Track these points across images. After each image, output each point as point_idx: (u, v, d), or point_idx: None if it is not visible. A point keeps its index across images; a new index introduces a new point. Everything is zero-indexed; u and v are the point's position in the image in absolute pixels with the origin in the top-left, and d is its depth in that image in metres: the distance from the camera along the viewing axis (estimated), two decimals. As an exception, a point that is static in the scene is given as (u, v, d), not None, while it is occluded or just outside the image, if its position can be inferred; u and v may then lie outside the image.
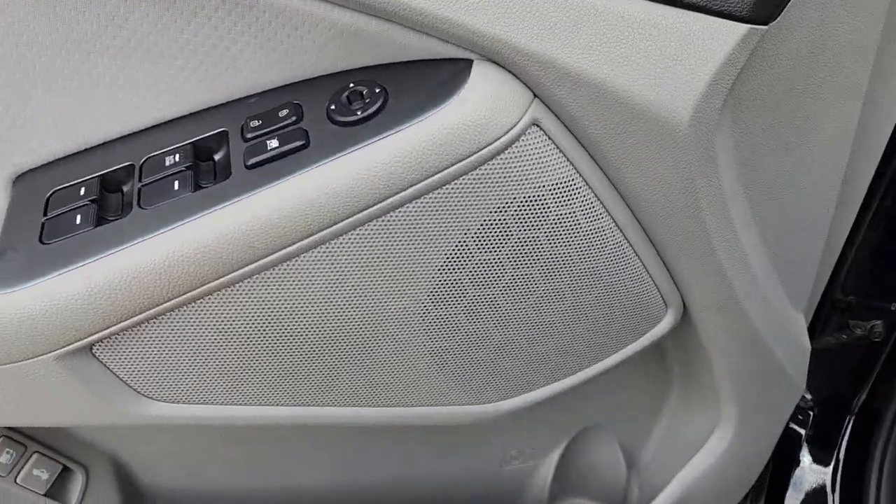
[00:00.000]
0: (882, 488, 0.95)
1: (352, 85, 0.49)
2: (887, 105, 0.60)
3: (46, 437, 0.65)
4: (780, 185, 0.58)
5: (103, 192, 0.50)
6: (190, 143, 0.50)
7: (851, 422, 0.99)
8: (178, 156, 0.50)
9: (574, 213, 0.51)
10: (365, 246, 0.49)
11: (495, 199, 0.49)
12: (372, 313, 0.52)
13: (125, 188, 0.51)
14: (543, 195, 0.50)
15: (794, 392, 0.77)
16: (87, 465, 0.68)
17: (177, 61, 0.49)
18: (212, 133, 0.51)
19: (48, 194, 0.51)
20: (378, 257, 0.50)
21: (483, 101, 0.46)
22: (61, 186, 0.51)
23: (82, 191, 0.50)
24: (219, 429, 0.70)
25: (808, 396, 1.00)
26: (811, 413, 1.00)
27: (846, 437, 0.99)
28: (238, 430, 0.70)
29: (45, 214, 0.50)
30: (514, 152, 0.48)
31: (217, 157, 0.51)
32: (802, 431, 1.00)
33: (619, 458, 0.86)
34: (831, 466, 0.99)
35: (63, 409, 0.52)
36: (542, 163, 0.49)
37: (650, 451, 0.86)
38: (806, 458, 1.00)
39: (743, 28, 0.46)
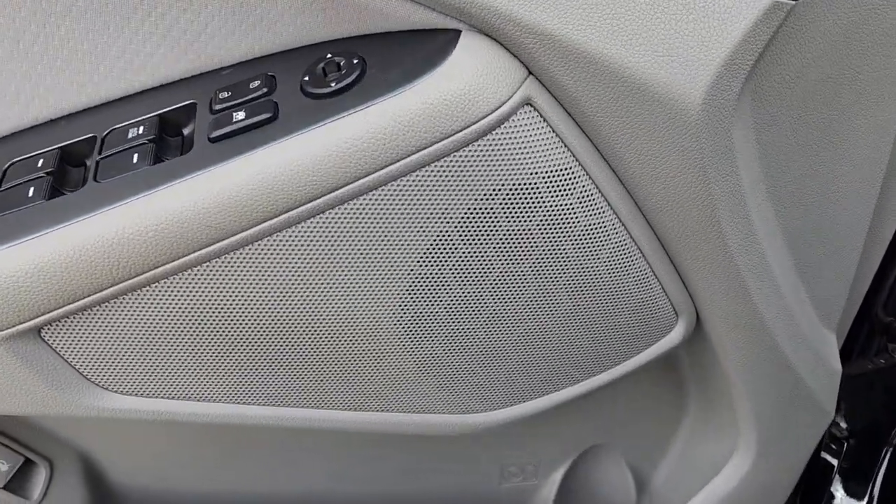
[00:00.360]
0: (920, 527, 0.90)
1: (329, 55, 0.46)
2: None
3: (6, 427, 0.63)
4: (810, 187, 0.54)
5: (63, 165, 0.48)
6: (156, 116, 0.49)
7: (889, 454, 0.95)
8: (142, 128, 0.48)
9: (571, 204, 0.48)
10: (332, 231, 0.46)
11: (481, 185, 0.46)
12: (342, 306, 0.49)
13: (88, 161, 0.49)
14: (536, 182, 0.46)
15: (822, 418, 0.73)
16: (51, 459, 0.65)
17: (143, 27, 0.48)
18: (179, 105, 0.49)
19: (6, 166, 0.49)
20: (347, 245, 0.46)
21: (469, 74, 0.43)
22: (19, 158, 0.49)
23: (40, 163, 0.48)
24: (192, 427, 0.67)
25: (843, 425, 0.97)
26: (846, 443, 0.98)
27: (882, 470, 0.95)
28: (213, 430, 0.68)
29: None
30: (502, 133, 0.44)
31: (186, 130, 0.49)
32: (836, 462, 0.97)
33: (628, 479, 0.83)
34: (865, 501, 0.95)
35: (11, 397, 0.50)
36: (535, 146, 0.45)
37: (662, 474, 0.82)
38: (839, 491, 0.96)
39: (766, 1, 0.42)
